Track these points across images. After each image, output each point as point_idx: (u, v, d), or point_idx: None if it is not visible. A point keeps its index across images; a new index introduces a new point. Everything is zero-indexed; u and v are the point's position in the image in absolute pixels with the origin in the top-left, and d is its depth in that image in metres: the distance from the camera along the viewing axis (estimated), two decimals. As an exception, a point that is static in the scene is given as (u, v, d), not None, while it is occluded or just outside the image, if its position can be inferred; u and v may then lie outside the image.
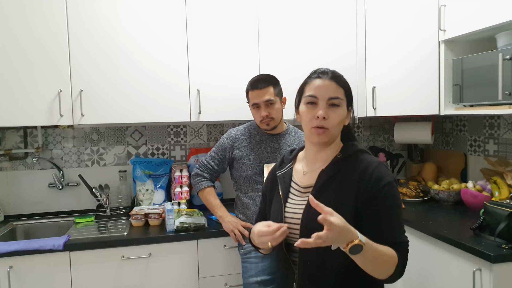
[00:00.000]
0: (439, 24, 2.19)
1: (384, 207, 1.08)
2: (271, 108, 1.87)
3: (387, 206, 1.08)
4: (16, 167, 2.42)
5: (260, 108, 1.88)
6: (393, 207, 1.09)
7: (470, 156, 2.56)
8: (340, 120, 1.14)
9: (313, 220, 0.99)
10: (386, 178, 1.09)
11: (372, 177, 1.09)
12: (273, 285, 1.86)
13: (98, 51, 2.13)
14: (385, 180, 1.09)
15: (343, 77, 1.18)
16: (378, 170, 1.10)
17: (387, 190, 1.08)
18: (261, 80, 1.89)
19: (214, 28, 2.26)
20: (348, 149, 1.17)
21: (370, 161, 1.12)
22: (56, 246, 1.86)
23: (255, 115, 1.92)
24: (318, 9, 2.37)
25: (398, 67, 2.34)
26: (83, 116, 2.12)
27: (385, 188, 1.08)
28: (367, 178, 1.09)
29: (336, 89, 1.14)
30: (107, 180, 2.50)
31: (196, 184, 2.00)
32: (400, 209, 1.12)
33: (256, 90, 1.87)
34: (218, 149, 1.98)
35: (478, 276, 1.60)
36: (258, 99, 1.86)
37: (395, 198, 1.10)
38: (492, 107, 1.92)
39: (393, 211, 1.09)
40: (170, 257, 2.01)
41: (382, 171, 1.10)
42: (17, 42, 2.04)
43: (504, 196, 2.09)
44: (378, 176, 1.09)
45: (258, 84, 1.87)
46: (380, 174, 1.09)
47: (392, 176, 1.12)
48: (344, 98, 1.15)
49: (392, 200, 1.09)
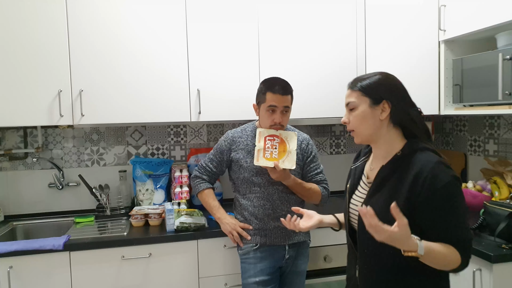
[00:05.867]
0: (439, 24, 2.19)
1: (441, 209, 1.10)
2: (285, 116, 1.84)
3: (444, 208, 1.10)
4: (16, 167, 2.42)
5: (276, 112, 1.81)
6: (451, 208, 1.11)
7: (470, 156, 2.56)
8: (359, 120, 1.21)
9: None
10: (442, 179, 1.10)
11: (426, 179, 1.10)
12: (272, 285, 1.86)
13: (98, 51, 2.13)
14: (442, 182, 1.09)
15: (359, 80, 1.24)
16: (434, 171, 1.11)
17: (444, 191, 1.09)
18: (285, 86, 1.83)
19: (214, 28, 2.26)
20: (408, 147, 1.20)
21: (426, 160, 1.13)
22: (56, 246, 1.86)
23: (267, 118, 1.83)
24: (318, 9, 2.37)
25: (398, 67, 2.33)
26: (83, 116, 2.12)
27: (442, 190, 1.09)
28: (422, 180, 1.11)
29: (350, 95, 1.24)
30: (107, 180, 2.50)
31: (195, 186, 2.00)
32: (458, 209, 1.12)
33: (278, 94, 1.80)
34: (216, 151, 1.98)
35: (478, 276, 1.60)
36: (279, 103, 1.80)
37: (452, 198, 1.11)
38: (492, 107, 1.92)
39: (451, 212, 1.11)
40: (170, 257, 2.01)
41: (438, 171, 1.11)
42: (17, 42, 2.04)
43: (504, 196, 2.09)
44: (433, 177, 1.10)
45: (282, 88, 1.81)
46: (435, 175, 1.10)
47: (451, 175, 1.11)
48: (360, 98, 1.21)
49: (450, 201, 1.10)
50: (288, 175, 1.78)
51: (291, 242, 1.88)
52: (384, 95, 1.20)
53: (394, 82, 1.23)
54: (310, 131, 2.80)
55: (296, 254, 1.91)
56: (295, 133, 1.86)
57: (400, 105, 1.20)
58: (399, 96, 1.21)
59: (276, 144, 1.80)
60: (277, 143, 1.80)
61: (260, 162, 1.77)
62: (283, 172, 1.75)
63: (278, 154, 1.78)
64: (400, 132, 1.22)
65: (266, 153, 1.78)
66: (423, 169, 1.12)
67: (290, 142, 1.82)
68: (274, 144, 1.80)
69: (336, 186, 2.82)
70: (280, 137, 1.82)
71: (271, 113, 1.82)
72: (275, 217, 1.86)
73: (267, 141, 1.80)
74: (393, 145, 1.22)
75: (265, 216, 1.86)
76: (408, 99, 1.22)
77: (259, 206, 1.86)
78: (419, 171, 1.12)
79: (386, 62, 2.39)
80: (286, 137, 1.83)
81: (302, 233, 1.92)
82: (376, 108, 1.20)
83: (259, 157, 1.77)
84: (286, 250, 1.88)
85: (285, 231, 1.88)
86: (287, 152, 1.79)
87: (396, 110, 1.20)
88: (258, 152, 1.78)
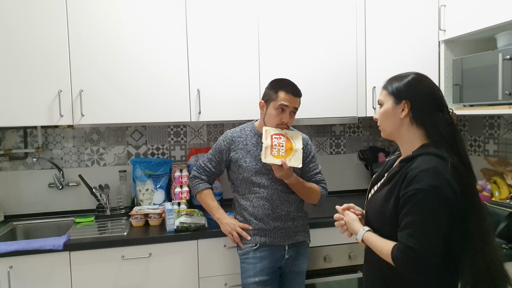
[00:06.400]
0: (439, 24, 2.19)
1: (407, 210, 1.16)
2: (292, 117, 1.86)
3: (409, 210, 1.15)
4: (16, 167, 2.42)
5: (285, 112, 1.82)
6: (410, 212, 1.15)
7: (470, 156, 2.56)
8: (383, 116, 1.31)
9: (369, 206, 1.33)
10: (418, 183, 1.13)
11: (410, 180, 1.16)
12: (271, 285, 1.86)
13: (98, 51, 2.13)
14: (417, 185, 1.13)
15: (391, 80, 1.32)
16: (419, 174, 1.14)
17: (415, 194, 1.14)
18: (296, 88, 1.85)
19: (214, 28, 2.26)
20: (418, 150, 1.23)
21: (421, 164, 1.17)
22: (56, 246, 1.86)
23: (275, 116, 1.83)
24: (318, 9, 2.37)
25: (398, 67, 2.31)
26: (83, 116, 2.12)
27: (414, 192, 1.14)
28: (406, 180, 1.17)
29: (381, 93, 1.34)
30: (107, 180, 2.50)
31: (194, 186, 2.00)
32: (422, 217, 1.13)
33: (291, 94, 1.81)
34: (215, 151, 1.98)
35: (478, 276, 1.60)
36: (290, 103, 1.81)
37: (419, 205, 1.13)
38: (492, 107, 1.92)
39: (409, 216, 1.15)
40: (170, 257, 2.01)
41: (422, 175, 1.14)
42: (17, 42, 2.04)
43: (504, 196, 2.09)
44: (414, 179, 1.15)
45: (294, 90, 1.83)
46: (417, 178, 1.14)
47: (430, 184, 1.12)
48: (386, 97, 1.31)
49: (414, 206, 1.14)
50: (291, 174, 1.79)
51: (291, 242, 1.88)
52: (405, 95, 1.25)
53: (420, 84, 1.26)
54: (310, 131, 2.80)
55: (295, 254, 1.91)
56: (300, 133, 1.87)
57: (421, 106, 1.23)
58: (422, 98, 1.24)
59: (283, 142, 1.80)
60: (283, 141, 1.80)
61: (268, 159, 1.76)
62: (288, 170, 1.75)
63: (285, 152, 1.78)
64: (422, 133, 1.25)
65: (273, 151, 1.78)
66: (414, 171, 1.16)
67: (296, 141, 1.82)
68: (280, 142, 1.80)
69: (336, 186, 2.83)
70: (286, 135, 1.82)
71: (280, 111, 1.82)
72: (275, 217, 1.86)
73: (274, 139, 1.80)
74: (413, 145, 1.25)
75: (265, 216, 1.86)
76: (435, 102, 1.23)
77: (259, 206, 1.86)
78: (409, 171, 1.17)
79: (386, 62, 2.39)
80: (291, 136, 1.83)
81: (302, 233, 1.92)
82: (397, 107, 1.26)
83: (267, 154, 1.76)
84: (285, 250, 1.88)
85: (285, 231, 1.88)
86: (294, 151, 1.79)
87: (416, 110, 1.23)
88: (265, 149, 1.77)
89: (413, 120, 1.24)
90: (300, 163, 1.78)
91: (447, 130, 1.21)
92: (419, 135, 1.25)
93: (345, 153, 2.89)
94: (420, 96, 1.24)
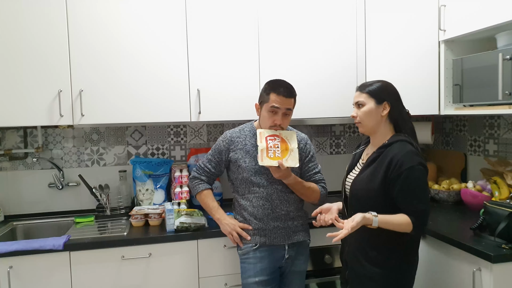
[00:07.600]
0: (439, 24, 2.19)
1: (405, 186, 1.48)
2: (286, 119, 1.85)
3: (407, 185, 1.48)
4: (16, 167, 2.42)
5: (277, 113, 1.82)
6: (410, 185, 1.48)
7: (470, 156, 2.56)
8: (366, 114, 1.60)
9: (355, 185, 1.62)
10: (408, 163, 1.48)
11: (397, 163, 1.48)
12: (271, 285, 1.86)
13: (98, 51, 2.13)
14: (407, 165, 1.47)
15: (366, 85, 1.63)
16: (403, 157, 1.48)
17: (408, 173, 1.47)
18: (289, 88, 1.84)
19: (214, 28, 2.26)
20: (392, 138, 1.58)
21: (400, 149, 1.51)
22: (56, 246, 1.86)
23: (268, 119, 1.84)
24: (318, 9, 2.37)
25: (398, 67, 2.34)
26: (83, 116, 2.12)
27: (406, 172, 1.47)
28: (394, 164, 1.49)
29: (359, 96, 1.63)
30: (107, 180, 2.50)
31: (194, 187, 2.00)
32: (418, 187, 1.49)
33: (282, 96, 1.80)
34: (214, 151, 1.98)
35: (478, 276, 1.60)
36: (281, 104, 1.80)
37: (415, 178, 1.48)
38: (492, 107, 1.92)
39: (411, 189, 1.48)
40: (170, 257, 2.01)
41: (406, 157, 1.48)
42: (17, 42, 2.04)
43: (504, 196, 2.09)
44: (401, 162, 1.48)
45: (286, 91, 1.81)
46: (404, 160, 1.48)
47: (417, 162, 1.49)
48: (367, 99, 1.60)
49: (412, 181, 1.48)
50: (290, 174, 1.79)
51: (291, 242, 1.89)
52: (385, 97, 1.59)
53: (392, 88, 1.63)
54: (310, 131, 2.80)
55: (296, 254, 1.91)
56: (294, 132, 1.88)
57: (397, 106, 1.60)
58: (396, 99, 1.61)
59: (278, 143, 1.80)
60: (278, 142, 1.80)
61: (264, 162, 1.76)
62: (286, 170, 1.75)
63: (281, 153, 1.78)
64: (392, 127, 1.62)
65: (269, 153, 1.78)
66: (396, 155, 1.50)
67: (290, 141, 1.82)
68: (275, 143, 1.80)
69: (336, 186, 2.82)
70: (280, 136, 1.82)
71: (272, 114, 1.82)
72: (275, 217, 1.86)
73: (269, 141, 1.80)
74: (385, 136, 1.60)
75: (265, 216, 1.86)
76: (401, 102, 1.63)
77: (258, 206, 1.86)
78: (393, 157, 1.50)
79: (386, 62, 2.39)
80: (286, 136, 1.83)
81: (302, 233, 1.92)
82: (379, 107, 1.59)
83: (263, 157, 1.77)
84: (285, 250, 1.88)
85: (285, 231, 1.88)
86: (289, 151, 1.80)
87: (393, 109, 1.59)
88: (261, 152, 1.77)
89: (389, 117, 1.60)
90: (297, 163, 1.79)
91: (410, 123, 1.62)
92: (389, 128, 1.61)
93: (345, 153, 2.89)
94: (395, 98, 1.60)
